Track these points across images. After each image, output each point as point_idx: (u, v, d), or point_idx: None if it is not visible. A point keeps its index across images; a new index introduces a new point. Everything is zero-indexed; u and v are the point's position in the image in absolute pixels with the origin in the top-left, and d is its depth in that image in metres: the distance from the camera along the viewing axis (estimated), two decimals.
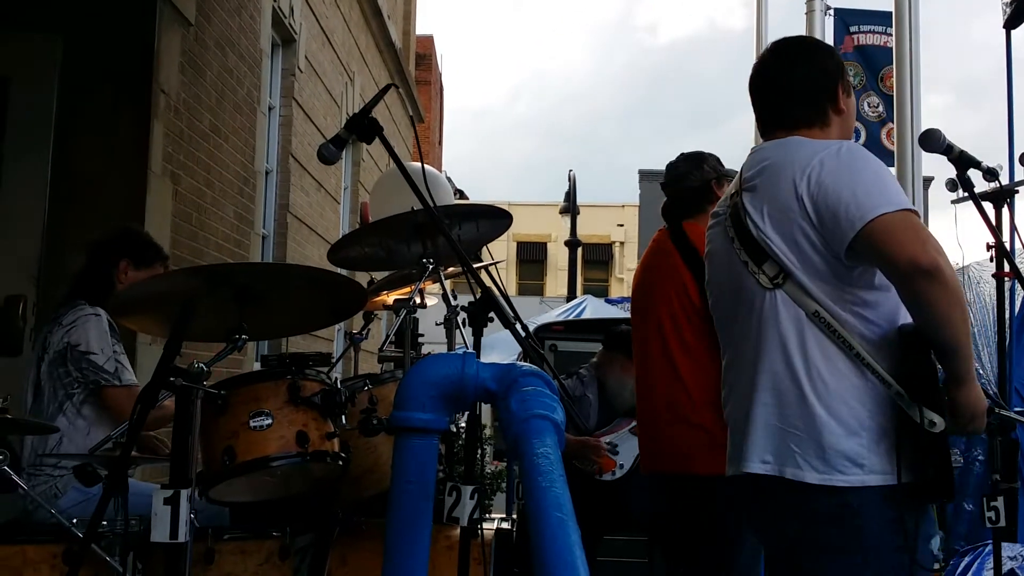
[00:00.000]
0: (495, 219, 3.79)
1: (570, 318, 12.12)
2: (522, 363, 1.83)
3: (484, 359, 2.30)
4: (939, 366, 2.54)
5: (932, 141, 3.48)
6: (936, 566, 2.74)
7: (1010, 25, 6.55)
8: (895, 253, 2.41)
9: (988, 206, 4.16)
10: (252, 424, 2.90)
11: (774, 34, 9.25)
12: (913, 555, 2.50)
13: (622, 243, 38.53)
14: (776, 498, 2.60)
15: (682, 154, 4.16)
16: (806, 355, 2.56)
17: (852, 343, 2.52)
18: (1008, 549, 5.26)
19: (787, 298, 2.59)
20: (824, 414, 2.52)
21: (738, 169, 2.90)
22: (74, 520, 2.97)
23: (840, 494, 2.50)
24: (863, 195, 2.47)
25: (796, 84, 2.82)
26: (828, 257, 2.54)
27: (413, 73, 18.14)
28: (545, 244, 39.00)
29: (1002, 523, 3.88)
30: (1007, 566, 5.12)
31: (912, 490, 2.49)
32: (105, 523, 2.85)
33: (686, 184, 4.04)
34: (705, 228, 3.89)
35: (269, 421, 2.91)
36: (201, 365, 2.63)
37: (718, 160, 4.09)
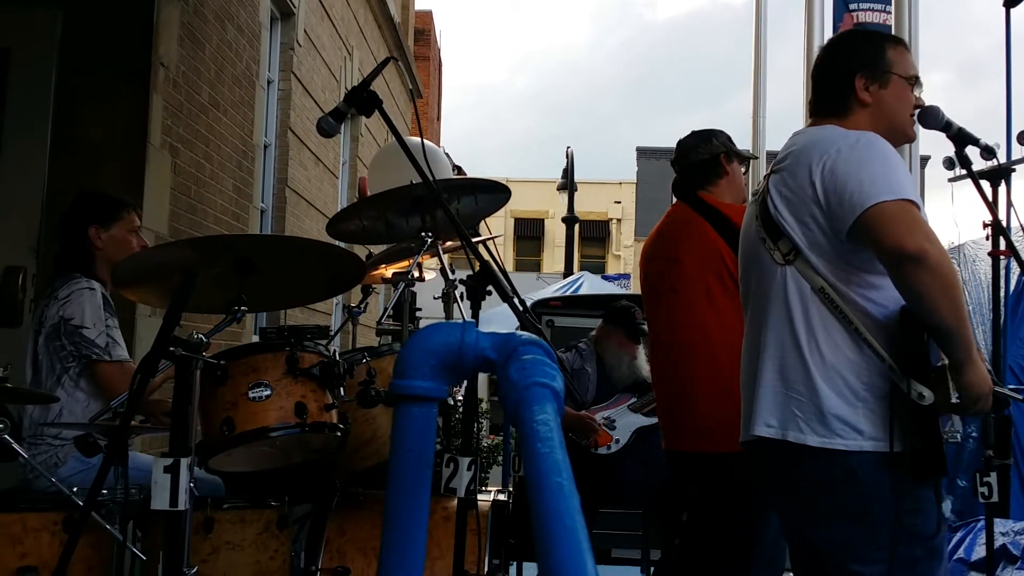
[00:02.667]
0: (493, 193, 3.80)
1: (567, 294, 12.17)
2: (522, 332, 1.85)
3: None
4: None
5: (930, 118, 3.48)
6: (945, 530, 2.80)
7: (1010, 3, 6.55)
8: (883, 239, 2.53)
9: (985, 184, 4.17)
10: (251, 395, 2.91)
11: (773, 10, 9.19)
12: (914, 522, 2.58)
13: (619, 220, 38.48)
14: (782, 463, 2.74)
15: (692, 131, 4.15)
16: (809, 326, 2.69)
17: (852, 318, 2.64)
18: (1000, 525, 5.31)
19: (796, 274, 2.73)
20: (822, 383, 2.65)
21: (743, 146, 3.00)
22: (74, 489, 2.99)
23: (841, 459, 2.61)
24: (868, 183, 2.58)
25: (822, 74, 2.98)
26: (834, 239, 2.66)
27: (412, 48, 18.07)
28: (542, 221, 38.94)
29: (995, 499, 3.92)
30: (999, 541, 5.17)
31: (906, 465, 2.57)
32: (105, 492, 2.87)
33: (695, 157, 4.04)
34: (720, 200, 3.92)
35: (268, 392, 2.93)
36: (200, 336, 2.65)
37: (729, 137, 4.08)
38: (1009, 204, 4.60)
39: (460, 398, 3.42)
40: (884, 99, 2.90)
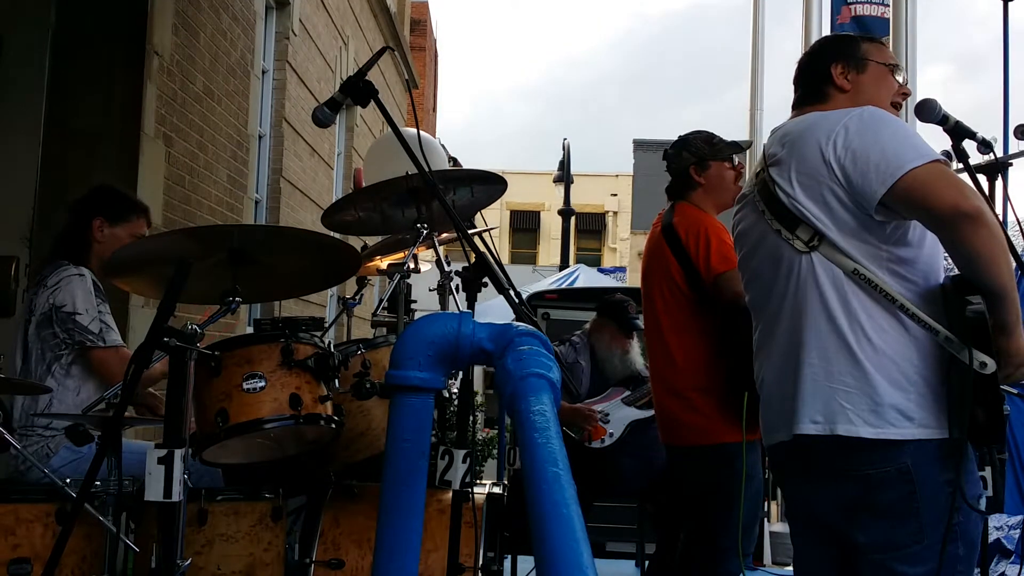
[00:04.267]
0: (489, 184, 3.78)
1: (563, 287, 12.16)
2: (518, 323, 1.84)
3: None
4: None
5: (927, 111, 3.46)
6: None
7: None
8: (935, 202, 2.46)
9: (982, 179, 4.15)
10: (245, 386, 2.90)
11: (772, 3, 9.18)
12: (961, 519, 2.53)
13: (615, 213, 38.47)
14: (828, 460, 2.61)
15: (679, 136, 4.30)
16: (849, 312, 2.58)
17: (894, 296, 2.54)
18: (995, 519, 5.31)
19: (824, 259, 2.62)
20: (872, 370, 2.54)
21: (741, 138, 2.93)
22: (67, 480, 2.98)
23: (894, 451, 2.51)
24: (891, 153, 2.53)
25: (802, 74, 2.97)
26: (860, 215, 2.58)
27: (408, 38, 18.04)
28: (538, 213, 38.90)
29: (989, 493, 3.91)
30: (993, 536, 5.17)
31: (964, 439, 2.49)
32: (98, 483, 2.86)
33: (673, 170, 4.22)
34: (700, 207, 4.04)
35: (262, 383, 2.91)
36: (195, 326, 2.63)
37: (706, 141, 4.19)
38: (1006, 198, 4.58)
39: (455, 391, 3.40)
40: (863, 83, 2.87)
